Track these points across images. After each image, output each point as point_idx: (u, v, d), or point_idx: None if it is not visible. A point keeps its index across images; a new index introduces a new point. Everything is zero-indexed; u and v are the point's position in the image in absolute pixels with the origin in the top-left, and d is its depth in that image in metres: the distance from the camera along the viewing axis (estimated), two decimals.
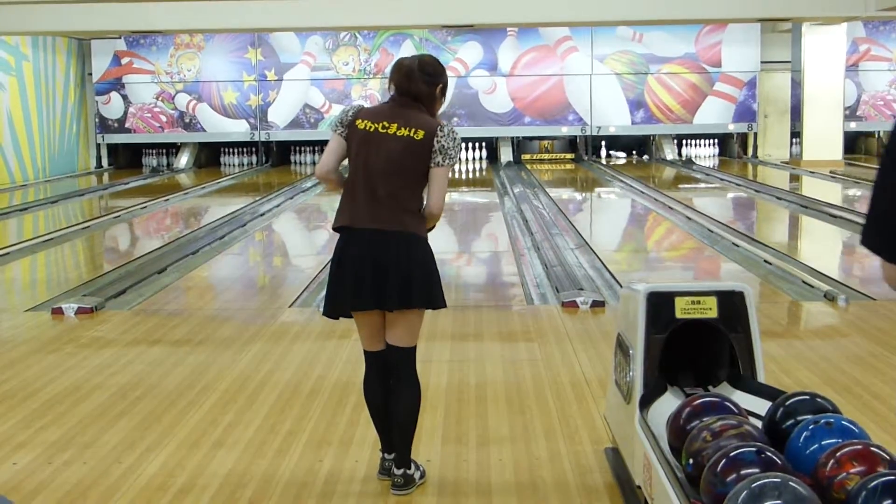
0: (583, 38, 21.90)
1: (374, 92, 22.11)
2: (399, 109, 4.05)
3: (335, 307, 4.08)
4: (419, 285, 3.98)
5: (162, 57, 22.31)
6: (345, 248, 4.02)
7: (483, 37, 21.90)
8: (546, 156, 23.12)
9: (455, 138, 4.04)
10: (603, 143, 22.84)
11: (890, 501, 2.48)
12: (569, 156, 23.20)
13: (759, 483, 2.57)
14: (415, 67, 4.07)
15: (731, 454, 2.80)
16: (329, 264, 4.13)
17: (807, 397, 3.26)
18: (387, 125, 4.01)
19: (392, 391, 4.14)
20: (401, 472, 4.08)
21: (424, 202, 4.07)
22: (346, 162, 4.11)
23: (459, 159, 3.77)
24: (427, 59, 4.15)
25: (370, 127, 4.02)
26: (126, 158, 22.85)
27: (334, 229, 4.09)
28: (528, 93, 22.10)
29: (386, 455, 4.22)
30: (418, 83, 4.06)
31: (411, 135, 3.99)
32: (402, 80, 4.07)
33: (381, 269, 3.94)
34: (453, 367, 5.94)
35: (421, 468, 4.20)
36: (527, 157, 22.76)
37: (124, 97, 22.41)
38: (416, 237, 4.00)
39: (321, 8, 15.88)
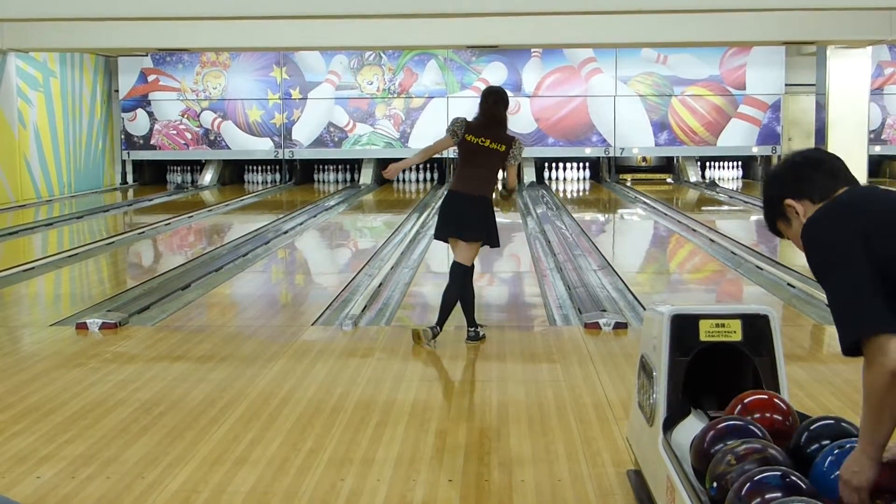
0: (607, 60, 21.90)
1: (397, 111, 22.18)
2: (489, 127, 6.63)
3: (439, 233, 6.86)
4: (480, 227, 6.71)
5: (188, 75, 22.46)
6: (450, 199, 6.79)
7: (507, 57, 21.92)
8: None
9: (522, 148, 6.74)
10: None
11: None
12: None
13: None
14: (500, 99, 6.60)
15: (756, 478, 2.79)
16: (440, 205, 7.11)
17: (831, 422, 3.24)
18: (484, 140, 6.59)
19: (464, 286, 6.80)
20: (473, 329, 6.83)
21: (499, 178, 6.79)
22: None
23: None
24: (503, 94, 6.69)
25: (474, 141, 6.59)
26: (151, 175, 23.02)
27: (448, 192, 6.90)
28: (551, 113, 22.11)
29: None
30: (502, 111, 6.61)
31: (497, 148, 6.61)
32: (490, 108, 6.59)
33: (464, 215, 6.67)
34: (476, 388, 5.93)
35: (482, 332, 6.90)
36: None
37: (150, 114, 22.57)
38: (485, 199, 6.68)
39: (346, 28, 15.96)
